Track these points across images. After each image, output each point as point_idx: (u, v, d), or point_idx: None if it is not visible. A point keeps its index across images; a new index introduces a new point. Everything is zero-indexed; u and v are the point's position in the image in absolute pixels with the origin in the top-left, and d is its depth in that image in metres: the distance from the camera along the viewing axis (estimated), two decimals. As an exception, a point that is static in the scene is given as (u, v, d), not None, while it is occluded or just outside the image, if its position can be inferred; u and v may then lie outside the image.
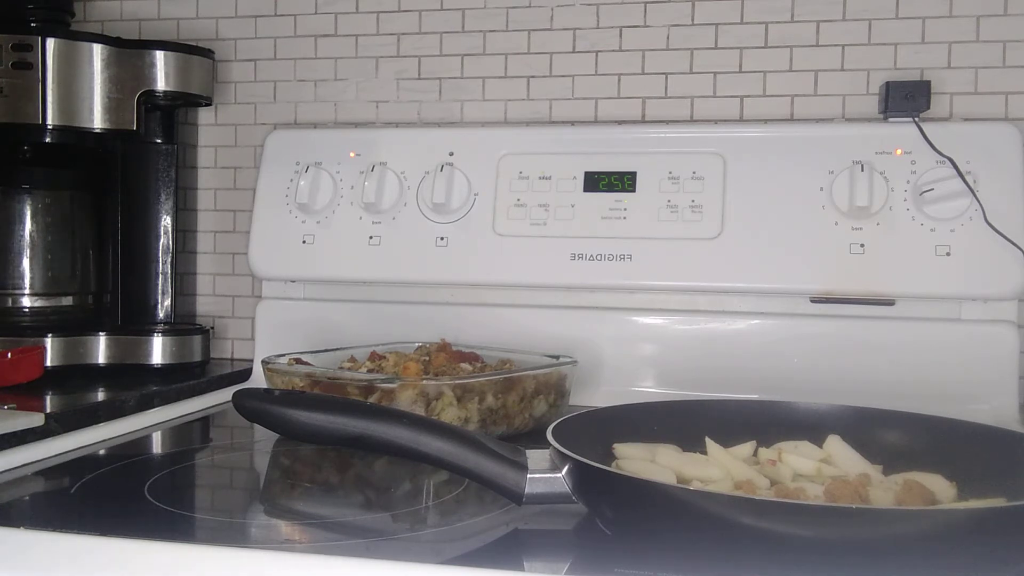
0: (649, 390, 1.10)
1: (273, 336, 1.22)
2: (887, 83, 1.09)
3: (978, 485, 0.66)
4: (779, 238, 1.07)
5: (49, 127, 1.10)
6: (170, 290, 1.24)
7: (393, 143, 1.20)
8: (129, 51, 1.15)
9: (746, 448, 0.75)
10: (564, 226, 1.12)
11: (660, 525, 0.57)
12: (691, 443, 0.74)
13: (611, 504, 0.61)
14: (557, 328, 1.13)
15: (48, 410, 0.90)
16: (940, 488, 0.67)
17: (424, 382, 0.88)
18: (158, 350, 1.17)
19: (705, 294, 1.11)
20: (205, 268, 1.34)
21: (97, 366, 1.15)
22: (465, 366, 0.99)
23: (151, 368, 1.16)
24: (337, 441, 0.65)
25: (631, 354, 1.12)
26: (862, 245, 1.05)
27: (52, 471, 0.79)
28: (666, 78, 1.19)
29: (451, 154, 1.17)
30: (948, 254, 1.04)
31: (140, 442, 0.93)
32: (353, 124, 1.28)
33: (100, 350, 1.15)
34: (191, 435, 1.00)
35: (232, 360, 1.32)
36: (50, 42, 1.09)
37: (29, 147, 1.17)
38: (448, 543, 0.64)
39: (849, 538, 0.52)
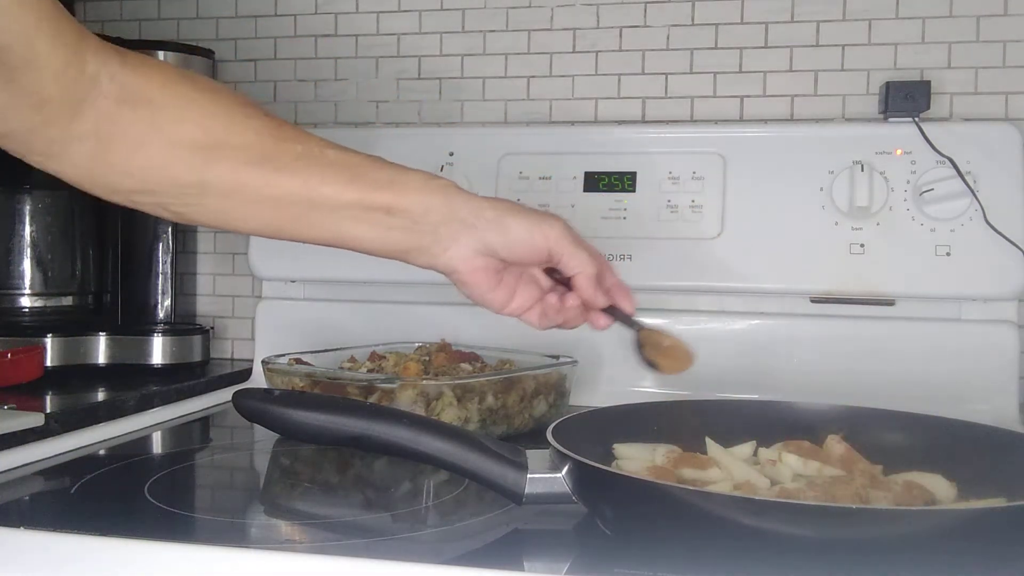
0: (649, 390, 1.10)
1: (273, 336, 1.22)
2: (887, 83, 1.09)
3: (978, 485, 0.66)
4: (779, 238, 1.07)
5: (49, 127, 1.10)
6: (170, 290, 1.24)
7: (393, 143, 1.20)
8: (129, 51, 1.15)
9: (746, 448, 0.75)
10: (564, 226, 1.12)
11: (660, 525, 0.57)
12: (691, 443, 0.74)
13: (611, 504, 0.61)
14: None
15: (48, 410, 0.90)
16: (940, 488, 0.67)
17: (424, 382, 0.88)
18: (158, 350, 1.17)
19: (705, 294, 1.11)
20: (205, 268, 1.34)
21: (97, 366, 1.15)
22: (465, 366, 0.99)
23: (151, 368, 1.16)
24: (337, 441, 0.65)
25: (631, 354, 1.11)
26: (862, 245, 1.05)
27: (52, 471, 0.79)
28: (666, 78, 1.19)
29: (451, 154, 1.17)
30: (948, 254, 1.04)
31: (140, 442, 0.93)
32: (353, 124, 1.27)
33: (100, 350, 1.15)
34: (191, 435, 1.00)
35: (232, 360, 1.32)
36: (50, 42, 1.09)
37: (29, 147, 1.17)
38: (448, 543, 0.64)
39: (849, 538, 0.52)
